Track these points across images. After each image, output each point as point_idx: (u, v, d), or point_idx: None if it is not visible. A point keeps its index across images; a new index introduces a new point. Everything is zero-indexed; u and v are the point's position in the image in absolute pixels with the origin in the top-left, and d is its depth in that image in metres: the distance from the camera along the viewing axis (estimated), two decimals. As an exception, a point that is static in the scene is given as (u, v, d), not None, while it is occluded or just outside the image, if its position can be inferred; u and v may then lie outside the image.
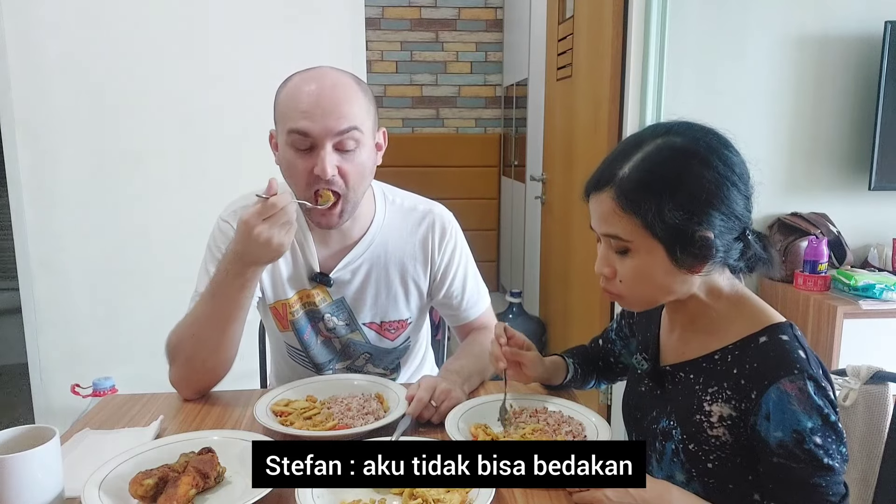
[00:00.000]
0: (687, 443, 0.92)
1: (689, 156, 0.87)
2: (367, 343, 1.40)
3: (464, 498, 0.90)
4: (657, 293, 0.94)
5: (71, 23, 2.19)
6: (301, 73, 1.22)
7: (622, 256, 0.91)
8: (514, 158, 4.35)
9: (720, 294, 0.94)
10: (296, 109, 1.16)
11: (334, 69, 1.22)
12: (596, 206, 0.92)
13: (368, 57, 3.17)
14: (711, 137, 0.89)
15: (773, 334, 0.88)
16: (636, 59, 2.24)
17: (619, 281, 0.93)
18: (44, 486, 0.85)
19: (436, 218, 1.38)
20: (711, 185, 0.85)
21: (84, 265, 2.32)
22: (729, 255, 0.89)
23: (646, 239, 0.87)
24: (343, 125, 1.16)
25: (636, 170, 0.87)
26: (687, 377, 0.96)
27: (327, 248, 1.33)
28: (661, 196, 0.85)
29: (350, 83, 1.20)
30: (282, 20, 2.30)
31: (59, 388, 2.33)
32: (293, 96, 1.18)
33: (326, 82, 1.18)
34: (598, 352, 1.29)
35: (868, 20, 2.23)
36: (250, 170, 2.31)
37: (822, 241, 2.12)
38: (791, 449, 0.82)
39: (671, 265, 0.88)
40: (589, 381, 1.29)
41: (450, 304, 1.42)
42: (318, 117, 1.15)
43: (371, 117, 1.23)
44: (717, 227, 0.86)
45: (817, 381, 0.83)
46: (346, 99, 1.17)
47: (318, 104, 1.15)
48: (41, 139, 2.23)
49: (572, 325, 3.06)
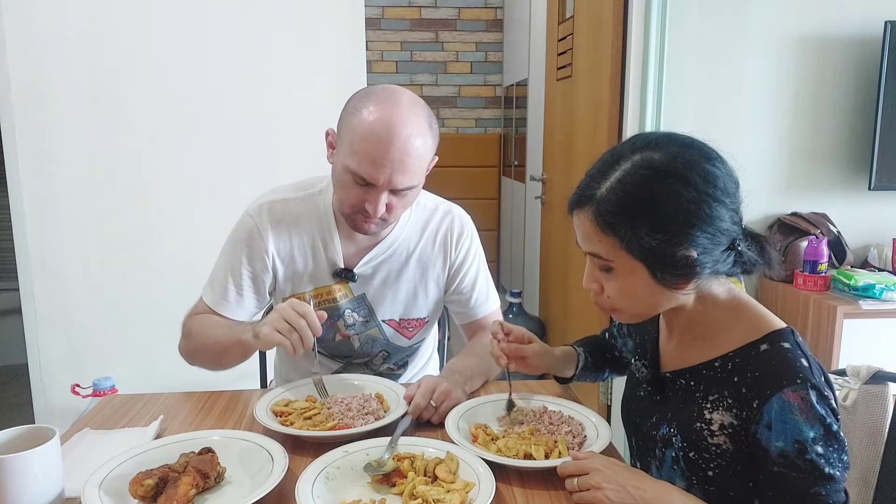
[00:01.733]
0: (687, 450, 0.92)
1: (666, 175, 0.83)
2: (385, 340, 1.42)
3: (464, 498, 0.90)
4: (646, 309, 0.94)
5: (71, 23, 2.19)
6: (379, 100, 1.17)
7: (607, 274, 0.91)
8: (514, 158, 4.35)
9: (716, 302, 0.93)
10: (365, 153, 1.15)
11: (411, 105, 1.18)
12: (578, 224, 0.91)
13: (368, 57, 3.18)
14: (692, 152, 0.86)
15: (775, 342, 0.87)
16: (636, 59, 2.24)
17: (606, 296, 0.93)
18: (44, 486, 0.85)
19: (455, 218, 1.42)
20: (691, 204, 0.82)
21: (84, 265, 2.32)
22: (718, 266, 0.87)
23: (626, 259, 0.86)
24: (404, 184, 1.18)
25: (612, 191, 0.85)
26: (687, 384, 0.96)
27: (353, 245, 1.35)
28: (636, 219, 0.83)
29: (422, 131, 1.17)
30: (282, 20, 2.30)
31: (59, 388, 2.33)
32: (365, 134, 1.15)
33: (402, 132, 1.14)
34: (607, 344, 1.29)
35: (868, 20, 2.23)
36: (250, 170, 2.33)
37: (822, 241, 2.12)
38: (792, 458, 0.82)
39: (654, 283, 0.87)
40: (602, 372, 1.29)
41: (459, 300, 1.45)
42: (383, 170, 1.15)
43: (432, 162, 1.25)
44: (700, 245, 0.83)
45: (820, 389, 0.82)
46: (415, 155, 1.16)
47: (388, 157, 1.14)
48: (41, 139, 2.23)
49: (572, 325, 3.06)
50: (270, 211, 1.34)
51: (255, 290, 1.36)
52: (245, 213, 1.36)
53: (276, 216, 1.34)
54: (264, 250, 1.33)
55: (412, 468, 0.97)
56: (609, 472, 0.90)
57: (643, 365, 1.07)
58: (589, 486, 0.90)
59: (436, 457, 1.01)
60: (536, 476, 1.00)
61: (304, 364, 1.46)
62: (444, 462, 0.98)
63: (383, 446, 1.02)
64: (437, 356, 1.64)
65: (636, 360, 1.10)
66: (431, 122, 1.22)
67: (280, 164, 2.27)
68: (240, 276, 1.35)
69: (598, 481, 0.89)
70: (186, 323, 1.37)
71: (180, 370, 1.40)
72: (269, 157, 2.33)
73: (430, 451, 1.03)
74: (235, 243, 1.35)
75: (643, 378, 1.06)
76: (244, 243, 1.34)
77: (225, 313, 1.35)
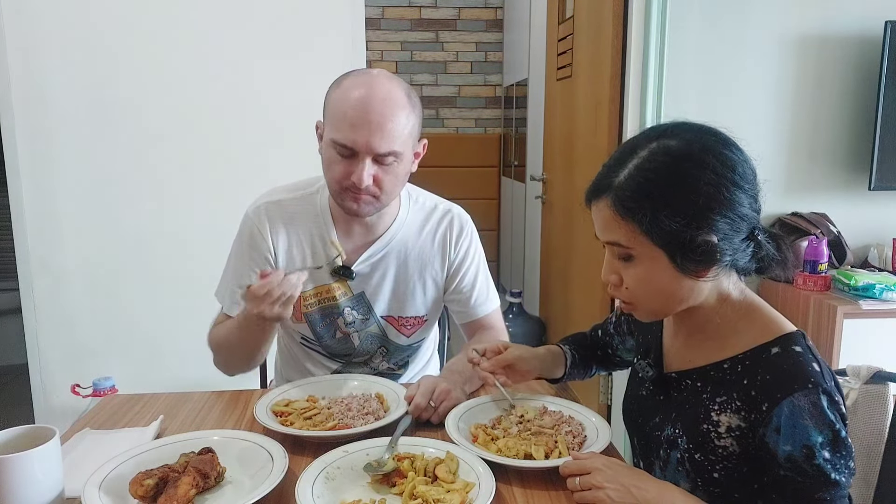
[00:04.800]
0: (693, 452, 0.91)
1: (683, 159, 0.84)
2: (384, 337, 1.43)
3: (464, 498, 0.90)
4: (665, 301, 0.91)
5: (71, 23, 2.19)
6: (356, 75, 1.23)
7: (626, 263, 0.90)
8: (514, 158, 4.35)
9: (728, 300, 0.92)
10: (343, 119, 1.17)
11: (388, 77, 1.22)
12: (597, 214, 0.91)
13: (368, 57, 3.18)
14: (708, 137, 0.87)
15: (786, 345, 0.86)
16: (636, 59, 2.24)
17: (625, 288, 0.91)
18: (44, 486, 0.85)
19: (454, 217, 1.43)
20: (709, 187, 0.83)
21: (84, 265, 2.32)
22: (738, 256, 0.86)
23: (646, 245, 0.86)
24: (384, 148, 1.18)
25: (631, 177, 0.86)
26: (693, 385, 0.95)
27: (350, 242, 1.36)
28: (656, 203, 0.83)
29: (400, 98, 1.20)
30: (282, 20, 2.30)
31: (59, 388, 2.33)
32: (343, 101, 1.18)
33: (377, 94, 1.17)
34: (598, 341, 1.29)
35: (868, 20, 2.23)
36: (250, 170, 2.33)
37: (822, 241, 2.12)
38: (799, 463, 0.81)
39: (675, 271, 0.86)
40: (590, 370, 1.29)
41: (459, 299, 1.45)
42: (362, 132, 1.16)
43: (415, 135, 1.25)
44: (720, 230, 0.83)
45: (831, 395, 0.82)
46: (392, 116, 1.18)
47: (365, 118, 1.16)
48: (41, 139, 2.24)
49: (572, 325, 3.05)
50: (268, 211, 1.36)
51: None
52: (244, 216, 1.39)
53: (273, 216, 1.35)
54: (267, 249, 1.35)
55: (412, 468, 0.97)
56: (611, 471, 0.90)
57: (648, 364, 1.06)
58: (590, 485, 0.90)
59: (436, 457, 1.01)
60: (536, 476, 1.00)
61: (305, 364, 1.47)
62: (444, 462, 0.98)
63: (383, 446, 1.02)
64: (437, 357, 1.64)
65: (639, 360, 1.09)
66: (411, 94, 1.23)
67: (280, 164, 2.26)
68: (248, 278, 1.35)
69: (600, 481, 0.89)
70: (209, 340, 1.37)
71: (180, 370, 1.40)
72: (270, 158, 2.33)
73: (430, 451, 1.03)
74: (240, 246, 1.38)
75: (648, 378, 1.05)
76: (247, 245, 1.36)
77: None
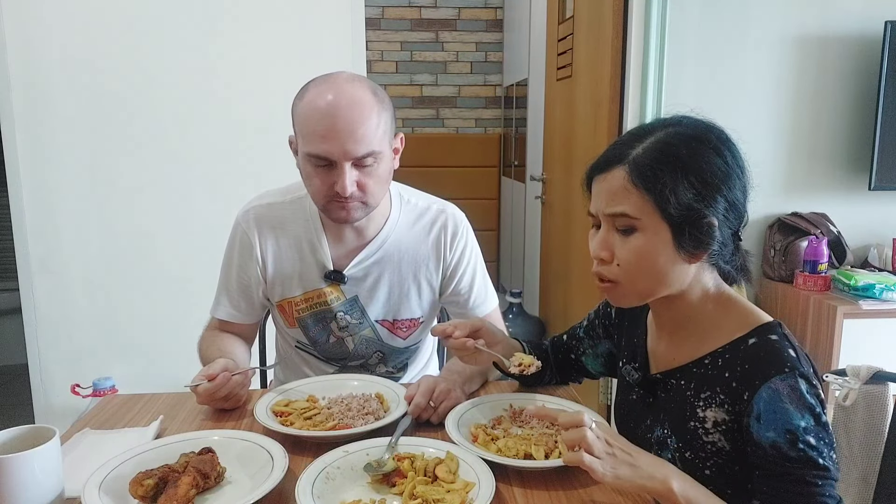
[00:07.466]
0: (683, 451, 0.92)
1: (702, 142, 0.88)
2: (380, 341, 1.42)
3: (464, 498, 0.90)
4: (654, 281, 0.91)
5: (71, 23, 2.19)
6: (317, 83, 1.19)
7: (625, 237, 0.89)
8: (514, 158, 4.35)
9: (707, 293, 0.94)
10: (314, 132, 1.15)
11: (350, 79, 1.19)
12: (603, 186, 0.91)
13: (368, 57, 3.18)
14: (719, 132, 0.91)
15: (762, 335, 0.88)
16: (636, 59, 2.24)
17: (616, 265, 0.91)
18: (44, 486, 0.85)
19: (448, 217, 1.40)
20: (721, 170, 0.87)
21: (84, 265, 2.33)
22: (724, 251, 0.90)
23: (654, 218, 0.87)
24: (361, 151, 1.16)
25: (651, 150, 0.88)
26: (678, 384, 0.96)
27: (342, 247, 1.34)
28: (676, 173, 0.85)
29: (366, 99, 1.17)
30: (282, 20, 2.30)
31: (59, 388, 2.33)
32: (310, 113, 1.16)
33: (343, 100, 1.15)
34: (560, 347, 1.28)
35: (868, 20, 2.23)
36: (250, 170, 2.33)
37: (822, 241, 2.12)
38: (785, 450, 0.82)
39: (673, 249, 0.88)
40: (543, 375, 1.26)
41: (457, 301, 1.44)
42: (335, 142, 1.14)
43: (389, 131, 1.22)
44: (720, 214, 0.87)
45: (808, 379, 0.83)
46: (362, 119, 1.15)
47: (335, 127, 1.14)
48: (41, 139, 2.24)
49: (572, 324, 3.05)
50: (257, 215, 1.35)
51: (253, 294, 1.38)
52: (235, 221, 1.38)
53: (262, 220, 1.34)
54: (256, 254, 1.34)
55: (412, 468, 0.97)
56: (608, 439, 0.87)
57: (633, 368, 1.06)
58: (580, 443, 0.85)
59: (436, 457, 1.01)
60: (536, 476, 1.00)
61: (303, 368, 1.47)
62: (444, 462, 0.98)
63: (383, 446, 1.02)
64: (436, 358, 1.63)
65: (625, 364, 1.09)
66: (377, 91, 1.20)
67: (280, 165, 2.25)
68: (235, 282, 1.37)
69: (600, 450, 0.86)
70: (198, 345, 1.39)
71: (180, 370, 1.39)
72: (269, 158, 2.33)
73: (430, 451, 1.02)
74: (230, 251, 1.38)
75: (634, 381, 1.05)
76: (237, 250, 1.36)
77: (229, 320, 1.39)
